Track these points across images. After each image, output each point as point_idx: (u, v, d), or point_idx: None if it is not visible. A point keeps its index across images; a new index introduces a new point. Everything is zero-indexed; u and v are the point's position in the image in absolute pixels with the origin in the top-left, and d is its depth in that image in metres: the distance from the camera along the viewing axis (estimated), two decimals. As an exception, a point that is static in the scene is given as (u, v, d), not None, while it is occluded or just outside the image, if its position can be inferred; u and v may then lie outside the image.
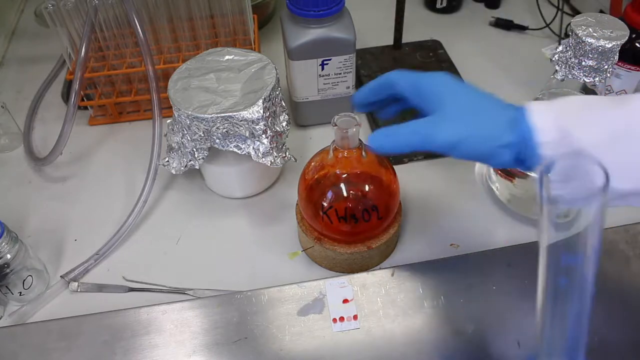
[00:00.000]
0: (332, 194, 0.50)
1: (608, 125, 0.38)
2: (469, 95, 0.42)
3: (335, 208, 0.50)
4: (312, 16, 0.59)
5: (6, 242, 0.49)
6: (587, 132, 0.38)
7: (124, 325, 0.49)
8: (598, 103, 0.39)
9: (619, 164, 0.37)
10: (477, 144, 0.40)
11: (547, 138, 0.38)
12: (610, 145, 0.37)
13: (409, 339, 0.48)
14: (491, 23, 0.85)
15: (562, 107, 0.39)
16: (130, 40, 0.68)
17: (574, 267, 0.34)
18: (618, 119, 0.38)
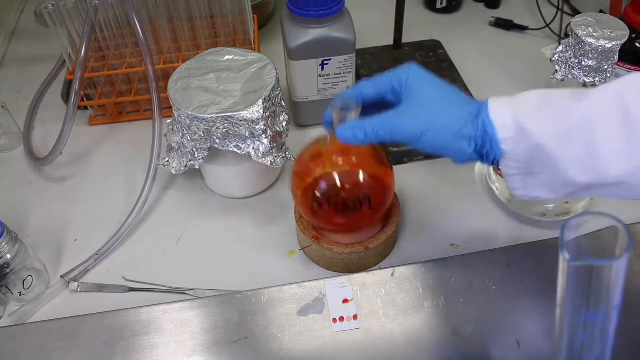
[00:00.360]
0: (325, 181, 0.50)
1: (563, 120, 0.38)
2: (435, 86, 0.43)
3: (327, 195, 0.50)
4: (312, 16, 0.59)
5: (6, 242, 0.49)
6: (542, 127, 0.38)
7: (124, 325, 0.49)
8: (556, 97, 0.39)
9: (576, 158, 0.38)
10: (439, 135, 0.41)
11: (506, 134, 0.39)
12: (566, 140, 0.38)
13: (409, 339, 0.48)
14: (491, 23, 0.85)
15: (520, 103, 0.40)
16: (130, 40, 0.68)
17: (594, 323, 0.34)
18: (574, 113, 0.38)
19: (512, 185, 0.42)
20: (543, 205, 0.56)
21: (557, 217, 0.57)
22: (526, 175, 0.41)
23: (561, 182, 0.40)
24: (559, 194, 0.41)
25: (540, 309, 0.49)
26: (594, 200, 0.57)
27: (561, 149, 0.38)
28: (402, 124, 0.42)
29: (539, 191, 0.41)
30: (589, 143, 0.37)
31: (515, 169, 0.41)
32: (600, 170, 0.38)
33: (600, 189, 0.39)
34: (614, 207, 0.59)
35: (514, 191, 0.43)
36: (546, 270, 0.52)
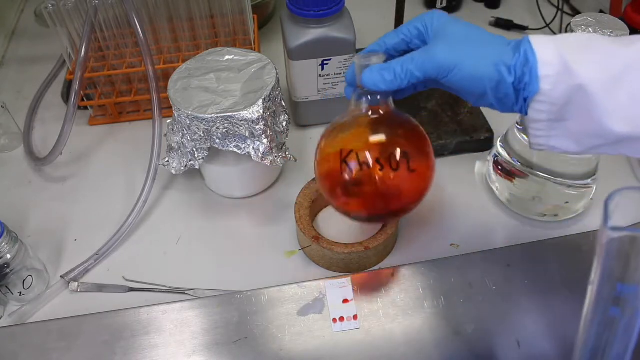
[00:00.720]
0: (355, 138, 0.43)
1: (609, 64, 0.36)
2: (466, 25, 0.41)
3: (357, 152, 0.42)
4: (312, 16, 0.59)
5: (6, 242, 0.49)
6: (587, 70, 0.36)
7: (124, 325, 0.49)
8: (602, 41, 0.38)
9: (618, 105, 0.36)
10: (477, 64, 0.38)
11: (548, 71, 0.37)
12: (611, 85, 0.36)
13: (409, 339, 0.48)
14: (491, 23, 0.85)
15: (566, 42, 0.38)
16: (130, 40, 0.68)
17: (627, 299, 0.32)
18: (620, 59, 0.36)
19: (534, 132, 0.39)
20: (543, 205, 0.56)
21: (558, 217, 0.57)
22: (555, 121, 0.38)
23: (593, 131, 0.37)
24: (583, 146, 0.39)
25: (540, 309, 0.49)
26: (594, 200, 0.57)
27: (605, 94, 0.36)
28: (436, 56, 0.39)
29: (562, 141, 0.39)
30: (634, 91, 0.35)
31: (546, 113, 0.38)
32: (638, 122, 0.36)
33: (632, 143, 0.37)
34: (614, 207, 0.59)
35: (533, 139, 0.40)
36: (546, 270, 0.52)
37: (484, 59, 0.38)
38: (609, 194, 0.31)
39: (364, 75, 0.41)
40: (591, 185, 0.55)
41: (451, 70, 0.39)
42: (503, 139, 0.58)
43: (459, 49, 0.39)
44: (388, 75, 0.40)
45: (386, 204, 0.45)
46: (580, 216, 0.58)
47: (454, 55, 0.39)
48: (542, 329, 0.48)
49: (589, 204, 0.57)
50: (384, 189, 0.43)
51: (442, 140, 0.64)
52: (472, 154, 0.65)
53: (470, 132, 0.64)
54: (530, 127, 0.40)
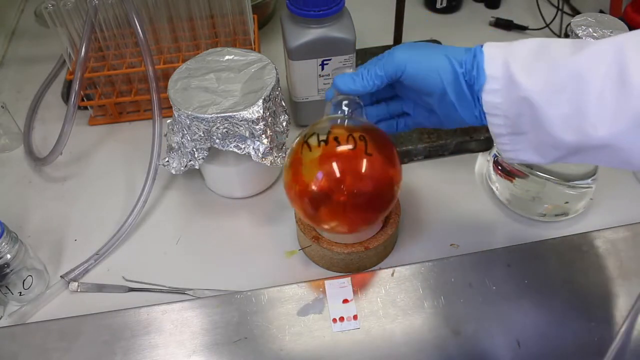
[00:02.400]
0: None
1: (555, 73, 0.37)
2: (426, 46, 0.44)
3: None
4: (312, 16, 0.59)
5: (6, 242, 0.49)
6: (531, 81, 0.37)
7: (124, 325, 0.49)
8: (553, 47, 0.38)
9: (562, 115, 0.36)
10: (430, 57, 0.42)
11: (495, 85, 0.39)
12: (554, 94, 0.36)
13: (409, 339, 0.48)
14: (491, 23, 0.85)
15: (515, 51, 0.39)
16: (130, 40, 0.68)
17: None
18: (567, 67, 0.36)
19: (501, 146, 0.42)
20: (543, 205, 0.56)
21: (557, 217, 0.57)
22: (514, 134, 0.40)
23: (548, 142, 0.38)
24: (547, 157, 0.40)
25: (540, 309, 0.49)
26: (594, 200, 0.57)
27: (548, 104, 0.37)
28: (394, 54, 0.43)
29: (528, 154, 0.40)
30: (578, 100, 0.36)
31: (503, 126, 0.40)
32: (586, 131, 0.36)
33: (587, 152, 0.37)
34: (614, 207, 0.59)
35: (503, 153, 0.42)
36: (546, 270, 0.52)
37: (436, 53, 0.42)
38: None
39: (335, 78, 0.46)
40: (591, 185, 0.55)
41: (407, 63, 0.43)
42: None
43: (416, 48, 0.43)
44: (356, 77, 0.45)
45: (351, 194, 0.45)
46: (580, 216, 0.58)
47: (410, 52, 0.43)
48: (542, 329, 0.48)
49: (588, 204, 0.57)
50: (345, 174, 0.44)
51: (442, 140, 0.63)
52: (472, 154, 0.65)
53: (470, 132, 0.64)
54: (496, 142, 0.42)
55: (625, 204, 0.59)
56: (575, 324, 0.48)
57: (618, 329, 0.47)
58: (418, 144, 0.63)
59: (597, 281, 0.51)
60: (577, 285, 0.51)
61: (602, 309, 0.49)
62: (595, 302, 0.50)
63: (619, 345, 0.46)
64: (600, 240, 0.54)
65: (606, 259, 0.52)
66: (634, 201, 0.59)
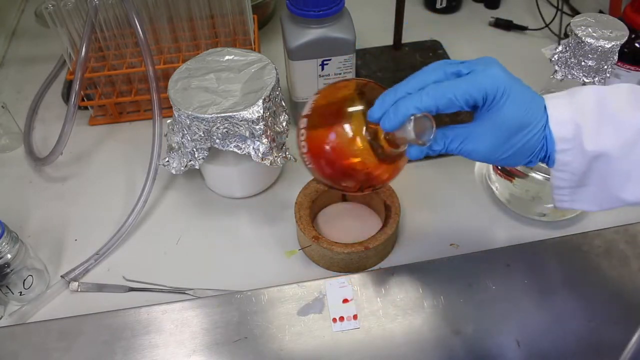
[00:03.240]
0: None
1: (621, 134, 0.37)
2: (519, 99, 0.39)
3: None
4: (312, 16, 0.59)
5: (6, 242, 0.49)
6: (603, 140, 0.37)
7: (124, 325, 0.49)
8: (615, 104, 0.38)
9: (631, 168, 0.37)
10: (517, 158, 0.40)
11: (566, 145, 0.39)
12: (627, 152, 0.37)
13: (409, 338, 0.48)
14: (491, 23, 0.85)
15: (581, 111, 0.38)
16: (131, 40, 0.68)
17: None
18: (633, 124, 0.37)
19: (559, 197, 0.41)
20: (543, 205, 0.56)
21: (557, 217, 0.57)
22: (577, 187, 0.40)
23: (612, 198, 0.39)
24: (604, 207, 0.41)
25: (540, 309, 0.49)
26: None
27: (621, 158, 0.37)
28: (480, 147, 0.40)
29: (584, 204, 0.41)
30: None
31: (567, 181, 0.40)
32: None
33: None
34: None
35: (558, 203, 0.42)
36: (546, 270, 0.52)
37: (523, 154, 0.40)
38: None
39: (411, 153, 0.43)
40: (591, 185, 0.55)
41: (492, 161, 0.41)
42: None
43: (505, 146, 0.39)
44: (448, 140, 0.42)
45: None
46: (580, 216, 0.58)
47: (492, 152, 0.40)
48: (542, 329, 0.48)
49: (588, 204, 0.57)
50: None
51: (442, 140, 0.63)
52: (472, 154, 0.65)
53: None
54: (554, 192, 0.42)
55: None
56: (575, 323, 0.48)
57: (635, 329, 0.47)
58: (418, 144, 0.63)
59: (597, 281, 0.51)
60: (577, 285, 0.51)
61: (602, 309, 0.49)
62: (595, 302, 0.50)
63: (634, 346, 0.46)
64: (600, 240, 0.54)
65: (606, 259, 0.52)
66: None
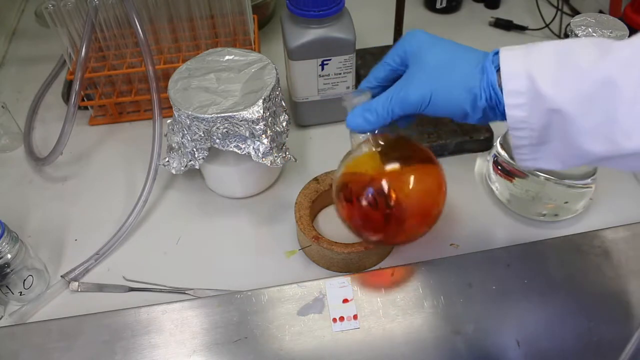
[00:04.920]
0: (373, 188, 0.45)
1: (584, 82, 0.35)
2: (440, 48, 0.41)
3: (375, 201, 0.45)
4: (312, 16, 0.59)
5: (6, 242, 0.49)
6: (560, 93, 0.35)
7: (124, 325, 0.49)
8: (576, 52, 0.36)
9: (594, 126, 0.35)
10: (449, 95, 0.40)
11: (519, 100, 0.37)
12: (586, 105, 0.35)
13: (409, 338, 0.48)
14: (491, 23, 0.85)
15: (536, 59, 0.37)
16: (131, 40, 0.68)
17: None
18: (596, 74, 0.35)
19: (520, 156, 0.40)
20: (543, 205, 0.56)
21: (557, 217, 0.57)
22: (538, 145, 0.38)
23: (574, 152, 0.37)
24: (568, 164, 0.39)
25: (540, 309, 0.49)
26: (594, 200, 0.57)
27: (579, 114, 0.35)
28: (410, 92, 0.40)
29: (548, 162, 0.39)
30: (608, 109, 0.34)
31: (527, 138, 0.38)
32: (617, 140, 0.34)
33: (614, 160, 0.36)
34: (614, 207, 0.59)
35: (520, 162, 0.40)
36: (546, 270, 0.52)
37: (455, 87, 0.40)
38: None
39: (347, 119, 0.43)
40: (591, 185, 0.55)
41: (427, 104, 0.40)
42: (503, 139, 0.58)
43: (430, 82, 0.40)
44: (370, 116, 0.42)
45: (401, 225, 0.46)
46: (580, 216, 0.58)
47: (427, 91, 0.40)
48: (542, 329, 0.48)
49: (588, 204, 0.57)
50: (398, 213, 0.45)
51: (442, 140, 0.64)
52: (472, 154, 0.65)
53: (470, 132, 0.64)
54: (515, 152, 0.40)
55: (625, 204, 0.59)
56: (575, 323, 0.48)
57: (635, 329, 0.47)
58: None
59: (597, 281, 0.51)
60: (577, 285, 0.51)
61: (602, 308, 0.49)
62: (595, 302, 0.50)
63: (634, 346, 0.46)
64: (600, 240, 0.54)
65: (606, 259, 0.52)
66: (634, 201, 0.59)
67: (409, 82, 0.41)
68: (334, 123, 0.70)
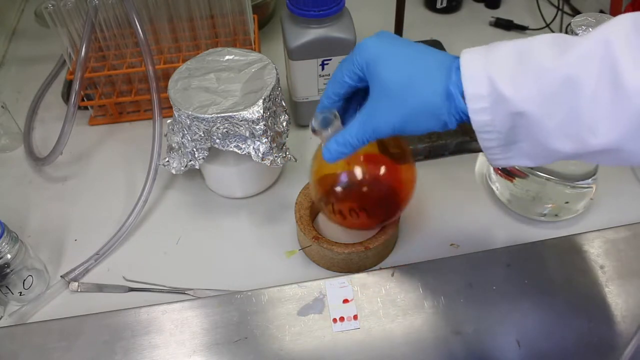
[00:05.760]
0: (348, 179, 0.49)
1: (545, 81, 0.34)
2: (396, 65, 0.40)
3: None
4: (312, 16, 0.59)
5: (6, 242, 0.49)
6: (521, 95, 0.35)
7: (124, 325, 0.49)
8: (535, 51, 0.36)
9: (558, 125, 0.35)
10: (416, 122, 0.39)
11: (482, 104, 0.37)
12: (548, 104, 0.35)
13: (409, 339, 0.48)
14: (491, 23, 0.85)
15: (495, 61, 0.36)
16: (131, 40, 0.68)
17: None
18: (556, 72, 0.34)
19: (492, 157, 0.40)
20: (543, 205, 0.56)
21: (558, 217, 0.57)
22: (507, 145, 0.38)
23: (543, 151, 0.37)
24: (539, 161, 0.39)
25: (540, 309, 0.49)
26: (594, 200, 0.57)
27: (542, 115, 0.35)
28: (380, 124, 0.40)
29: (519, 160, 0.39)
30: (572, 107, 0.34)
31: (495, 140, 0.38)
32: (583, 138, 0.34)
33: (586, 156, 0.36)
34: (614, 207, 0.59)
35: (493, 162, 0.41)
36: (546, 270, 0.52)
37: (421, 115, 0.39)
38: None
39: (324, 154, 0.44)
40: (591, 185, 0.55)
41: (398, 131, 0.40)
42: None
43: (396, 110, 0.40)
44: (345, 149, 0.43)
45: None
46: (580, 216, 0.58)
47: (395, 121, 0.40)
48: (542, 329, 0.48)
49: (589, 204, 0.57)
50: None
51: (442, 140, 0.63)
52: (473, 154, 0.65)
53: (470, 132, 0.63)
54: (487, 154, 0.40)
55: (625, 204, 0.59)
56: (575, 324, 0.48)
57: (635, 330, 0.47)
58: (418, 144, 0.63)
59: (597, 281, 0.51)
60: (577, 285, 0.51)
61: (602, 309, 0.49)
62: (595, 302, 0.50)
63: (635, 347, 0.46)
64: (600, 240, 0.54)
65: (606, 259, 0.52)
66: (634, 201, 0.59)
67: (375, 110, 0.41)
68: (334, 123, 0.70)
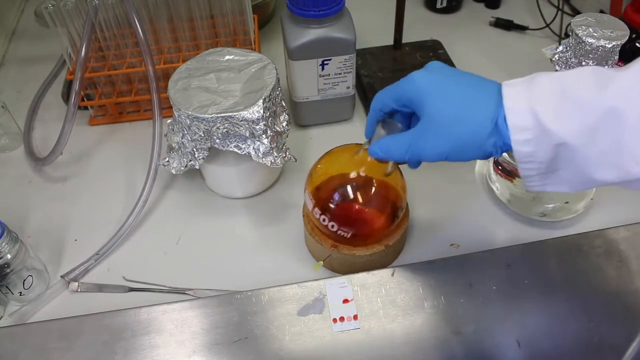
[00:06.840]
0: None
1: (587, 114, 0.36)
2: (446, 98, 0.41)
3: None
4: (312, 16, 0.59)
5: (6, 242, 0.49)
6: (565, 125, 0.36)
7: (124, 325, 0.49)
8: (576, 86, 0.37)
9: (601, 155, 0.36)
10: (462, 153, 0.41)
11: (526, 136, 0.38)
12: (591, 136, 0.36)
13: (409, 339, 0.48)
14: (491, 23, 0.85)
15: (538, 96, 0.38)
16: (131, 40, 0.68)
17: None
18: (598, 105, 0.36)
19: (529, 184, 0.41)
20: (543, 205, 0.56)
21: (558, 217, 0.57)
22: (546, 173, 0.39)
23: (583, 178, 0.38)
24: (577, 188, 0.40)
25: (540, 309, 0.49)
26: (594, 200, 0.57)
27: (586, 146, 0.36)
28: (427, 150, 0.42)
29: (556, 187, 0.40)
30: (616, 138, 0.35)
31: (536, 170, 0.39)
32: (626, 167, 0.36)
33: (628, 184, 0.37)
34: (614, 207, 0.59)
35: (529, 188, 0.41)
36: (546, 270, 0.52)
37: (470, 148, 0.41)
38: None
39: (370, 148, 0.46)
40: (591, 185, 0.55)
41: (444, 159, 0.42)
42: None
43: (446, 141, 0.41)
44: (385, 155, 0.45)
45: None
46: (580, 216, 0.58)
47: (444, 150, 0.41)
48: (542, 329, 0.48)
49: (589, 204, 0.57)
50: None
51: (442, 140, 0.63)
52: (472, 154, 0.65)
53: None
54: (524, 180, 0.41)
55: (625, 204, 0.59)
56: (576, 324, 0.48)
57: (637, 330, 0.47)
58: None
59: (597, 281, 0.51)
60: (578, 285, 0.51)
61: (603, 309, 0.49)
62: (596, 302, 0.50)
63: (637, 347, 0.46)
64: (600, 240, 0.54)
65: (606, 259, 0.52)
66: (634, 201, 0.59)
67: (423, 138, 0.42)
68: (334, 123, 0.70)
